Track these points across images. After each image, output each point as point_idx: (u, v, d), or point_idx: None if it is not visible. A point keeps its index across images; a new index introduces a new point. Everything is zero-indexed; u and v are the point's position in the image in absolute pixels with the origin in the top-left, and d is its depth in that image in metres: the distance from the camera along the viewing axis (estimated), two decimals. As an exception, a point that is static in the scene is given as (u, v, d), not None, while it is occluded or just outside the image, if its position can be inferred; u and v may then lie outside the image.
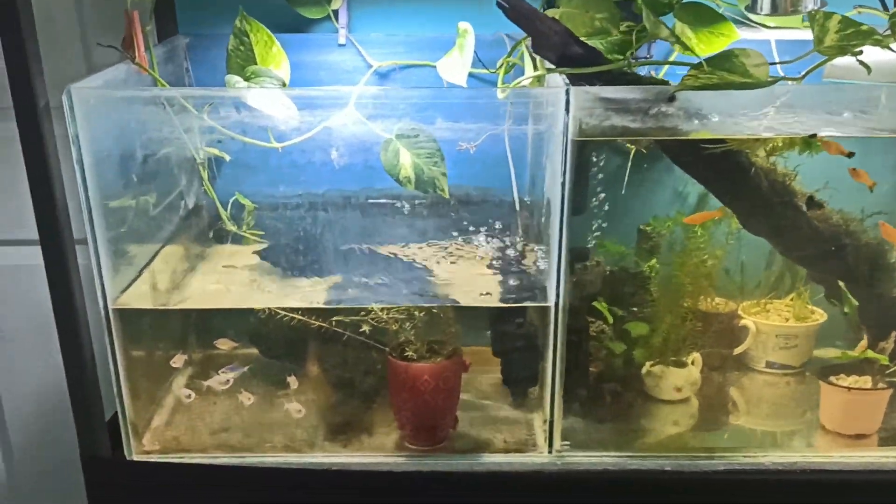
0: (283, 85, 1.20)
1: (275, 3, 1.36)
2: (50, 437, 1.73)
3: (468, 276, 1.27)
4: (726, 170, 1.13)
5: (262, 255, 1.35)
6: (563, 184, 1.08)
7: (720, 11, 1.23)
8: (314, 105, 1.14)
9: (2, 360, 1.69)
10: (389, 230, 1.33)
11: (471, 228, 1.29)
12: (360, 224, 1.35)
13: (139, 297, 1.20)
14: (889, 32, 0.99)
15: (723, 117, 1.08)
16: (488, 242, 1.29)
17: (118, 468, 1.16)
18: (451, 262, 1.30)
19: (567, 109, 1.04)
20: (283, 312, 1.19)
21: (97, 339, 1.13)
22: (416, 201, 1.28)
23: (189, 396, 1.28)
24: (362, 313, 1.19)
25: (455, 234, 1.30)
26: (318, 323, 1.21)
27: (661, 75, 1.30)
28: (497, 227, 1.30)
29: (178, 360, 1.27)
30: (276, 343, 1.31)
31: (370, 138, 1.14)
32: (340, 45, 1.43)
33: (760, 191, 1.15)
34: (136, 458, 1.17)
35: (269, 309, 1.20)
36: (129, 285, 1.19)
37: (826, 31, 0.99)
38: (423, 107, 1.14)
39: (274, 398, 1.27)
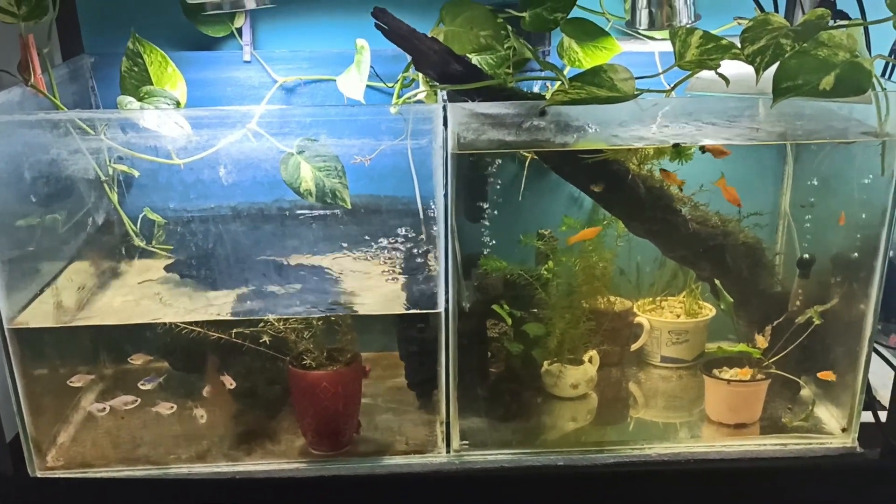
0: (178, 104, 1.23)
1: (180, 21, 1.39)
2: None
3: (374, 284, 1.31)
4: (604, 177, 1.19)
5: (171, 269, 1.37)
6: (445, 195, 1.13)
7: (607, 26, 1.30)
8: (212, 124, 1.18)
9: None
10: (300, 240, 1.36)
11: (379, 237, 1.33)
12: (271, 235, 1.38)
13: (40, 316, 1.22)
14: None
15: (599, 128, 1.14)
16: (394, 250, 1.33)
17: (20, 486, 1.18)
18: (359, 271, 1.34)
19: (445, 124, 1.09)
20: (185, 326, 1.22)
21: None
22: (328, 212, 1.32)
23: (103, 410, 1.29)
24: (261, 325, 1.22)
25: (366, 241, 1.33)
26: (216, 335, 1.24)
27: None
28: (404, 235, 1.34)
29: (78, 380, 1.28)
30: (185, 355, 1.34)
31: (272, 153, 1.18)
32: (246, 62, 1.46)
33: (638, 196, 1.22)
34: (38, 475, 1.19)
35: (173, 323, 1.23)
36: (28, 304, 1.21)
37: (687, 47, 1.05)
38: (321, 123, 1.18)
39: (183, 408, 1.30)
